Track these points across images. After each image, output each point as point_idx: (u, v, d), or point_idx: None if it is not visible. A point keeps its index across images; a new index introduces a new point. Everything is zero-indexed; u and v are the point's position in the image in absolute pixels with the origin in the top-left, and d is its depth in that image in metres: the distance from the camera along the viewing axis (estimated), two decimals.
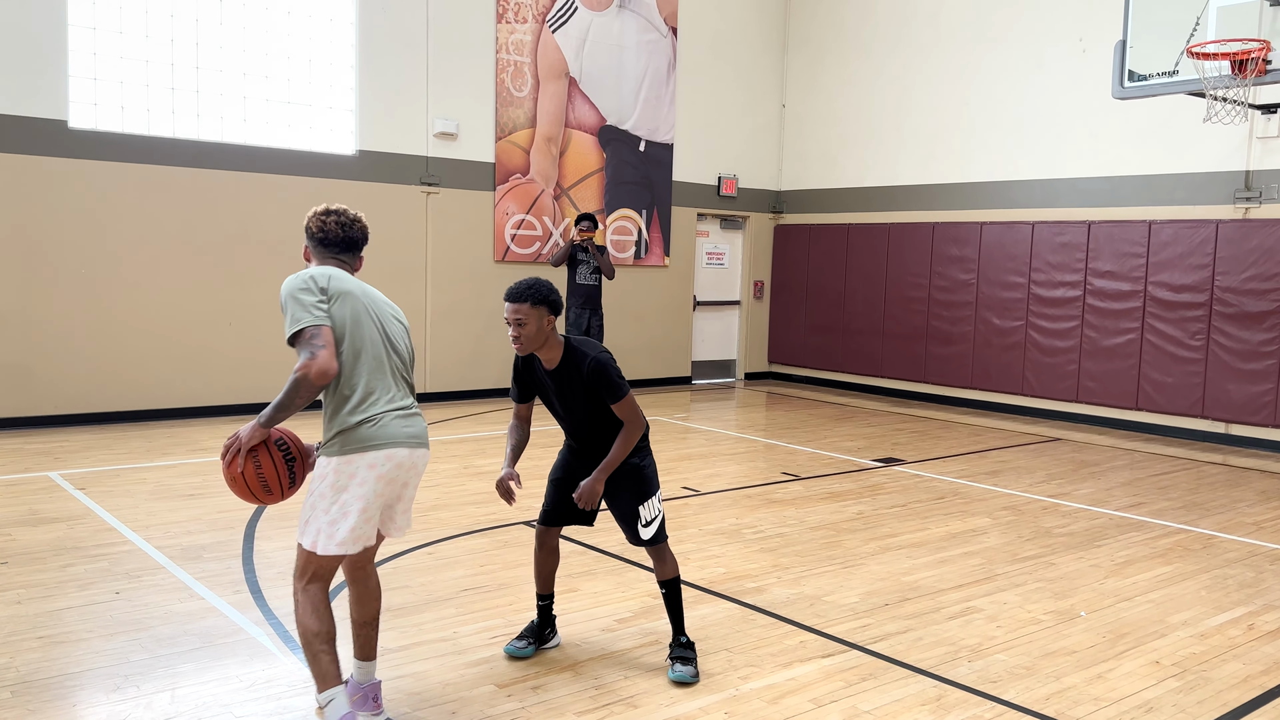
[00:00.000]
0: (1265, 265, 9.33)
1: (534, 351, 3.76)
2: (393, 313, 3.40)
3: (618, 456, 3.81)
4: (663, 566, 3.97)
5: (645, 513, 3.90)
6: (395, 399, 3.27)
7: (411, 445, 3.29)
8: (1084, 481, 7.88)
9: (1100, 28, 10.26)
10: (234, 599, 4.65)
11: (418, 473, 3.39)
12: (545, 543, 4.07)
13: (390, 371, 3.28)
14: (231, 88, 9.63)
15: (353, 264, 3.45)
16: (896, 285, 12.44)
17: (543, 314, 3.67)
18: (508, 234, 11.44)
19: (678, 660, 3.91)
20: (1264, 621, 4.75)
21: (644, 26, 12.34)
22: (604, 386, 3.76)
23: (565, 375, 3.79)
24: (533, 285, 3.67)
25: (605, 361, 3.77)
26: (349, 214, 3.43)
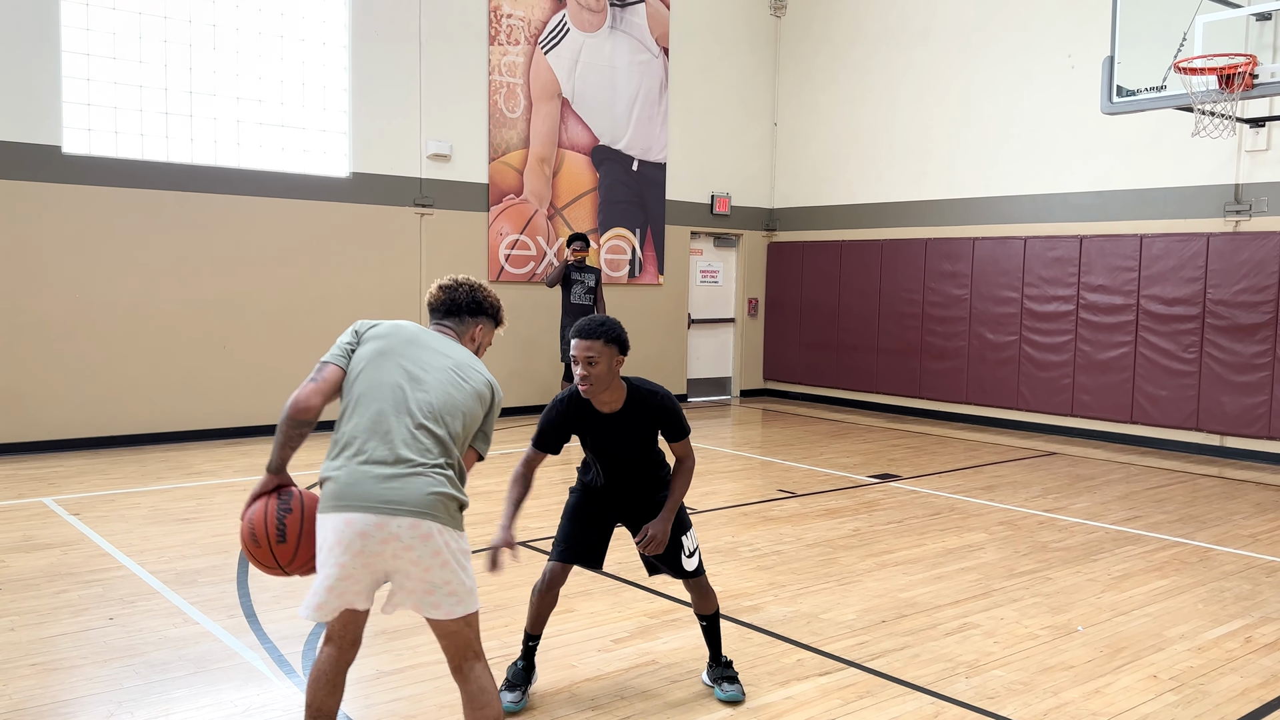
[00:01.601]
0: (1256, 278, 9.37)
1: (597, 394, 3.58)
2: (451, 373, 3.00)
3: (682, 495, 3.73)
4: (705, 601, 3.90)
5: (688, 543, 3.83)
6: (379, 454, 2.83)
7: (383, 511, 2.77)
8: (1080, 495, 7.88)
9: (1088, 44, 10.34)
10: (229, 624, 4.63)
11: (410, 547, 2.79)
12: (554, 584, 3.83)
13: (393, 426, 2.86)
14: (225, 112, 9.67)
15: (458, 329, 3.19)
16: (890, 301, 12.48)
17: (613, 353, 3.52)
18: (502, 254, 11.47)
19: (724, 680, 3.86)
20: (1261, 634, 4.74)
21: (636, 47, 12.42)
22: (673, 424, 3.69)
23: (628, 417, 3.65)
24: (605, 323, 3.54)
25: (672, 399, 3.72)
26: (457, 280, 3.25)
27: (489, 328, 3.28)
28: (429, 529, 2.80)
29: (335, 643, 3.00)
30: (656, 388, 3.72)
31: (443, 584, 2.84)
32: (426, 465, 2.84)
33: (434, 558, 2.81)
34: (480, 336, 3.25)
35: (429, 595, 2.84)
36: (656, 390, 3.70)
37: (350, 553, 2.79)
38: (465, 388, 3.00)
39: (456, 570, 2.86)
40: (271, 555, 2.93)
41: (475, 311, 3.22)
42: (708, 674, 3.97)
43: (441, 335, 3.13)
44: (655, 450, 3.81)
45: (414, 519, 2.79)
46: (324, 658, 3.01)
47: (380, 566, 2.83)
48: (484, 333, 3.26)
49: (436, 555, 2.81)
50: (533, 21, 11.53)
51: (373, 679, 4.01)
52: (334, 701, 3.02)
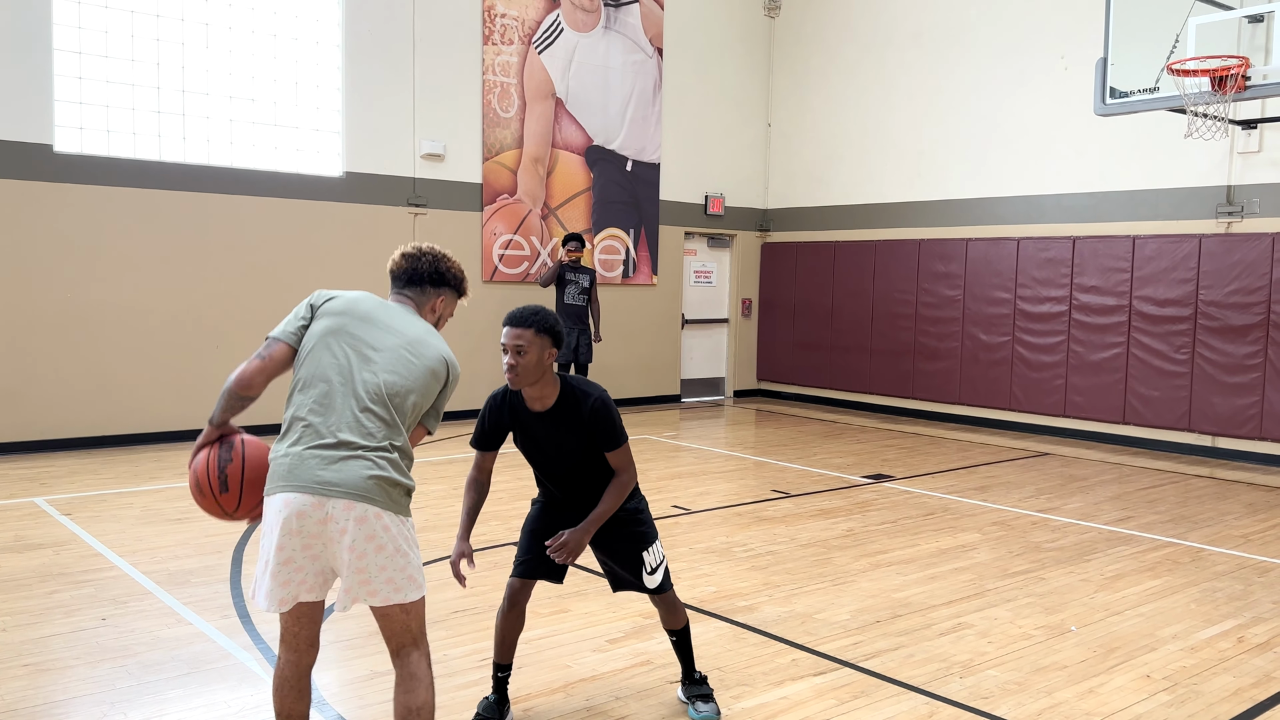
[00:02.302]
0: (1248, 279, 9.41)
1: (526, 387, 3.39)
2: (403, 351, 2.92)
3: (608, 509, 3.48)
4: (673, 616, 3.72)
5: (650, 558, 3.62)
6: (321, 435, 2.79)
7: (320, 493, 2.73)
8: (1072, 496, 7.90)
9: (1082, 45, 10.37)
10: (222, 624, 4.62)
11: (345, 530, 2.73)
12: (517, 602, 3.61)
13: (338, 409, 2.81)
14: (218, 111, 9.64)
15: (418, 299, 3.12)
16: (883, 302, 12.49)
17: (545, 344, 3.34)
18: (495, 254, 11.45)
19: (698, 699, 3.72)
20: (1253, 634, 4.76)
21: (629, 47, 12.41)
22: (604, 431, 3.44)
23: (560, 417, 3.43)
24: (537, 312, 3.37)
25: (609, 404, 3.47)
26: (420, 248, 3.17)
27: (451, 299, 3.20)
28: (364, 511, 2.74)
29: (289, 645, 2.95)
30: (592, 389, 3.48)
31: (378, 570, 2.77)
32: (368, 449, 2.78)
33: (368, 541, 2.75)
34: (441, 308, 3.17)
35: (365, 584, 2.78)
36: (591, 392, 3.46)
37: (288, 532, 2.75)
38: (416, 366, 2.92)
39: (394, 556, 2.79)
40: (216, 504, 2.92)
41: (437, 282, 3.14)
42: (682, 690, 3.82)
43: (399, 307, 3.06)
44: (601, 460, 3.53)
45: (349, 500, 2.74)
46: (283, 663, 2.96)
47: (322, 552, 2.78)
48: (445, 304, 3.18)
49: (371, 539, 2.75)
50: (526, 21, 11.52)
51: (366, 679, 4.00)
52: (303, 706, 2.98)
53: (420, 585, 2.89)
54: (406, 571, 2.83)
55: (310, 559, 2.80)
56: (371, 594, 2.80)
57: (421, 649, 2.93)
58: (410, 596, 2.85)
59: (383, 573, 2.79)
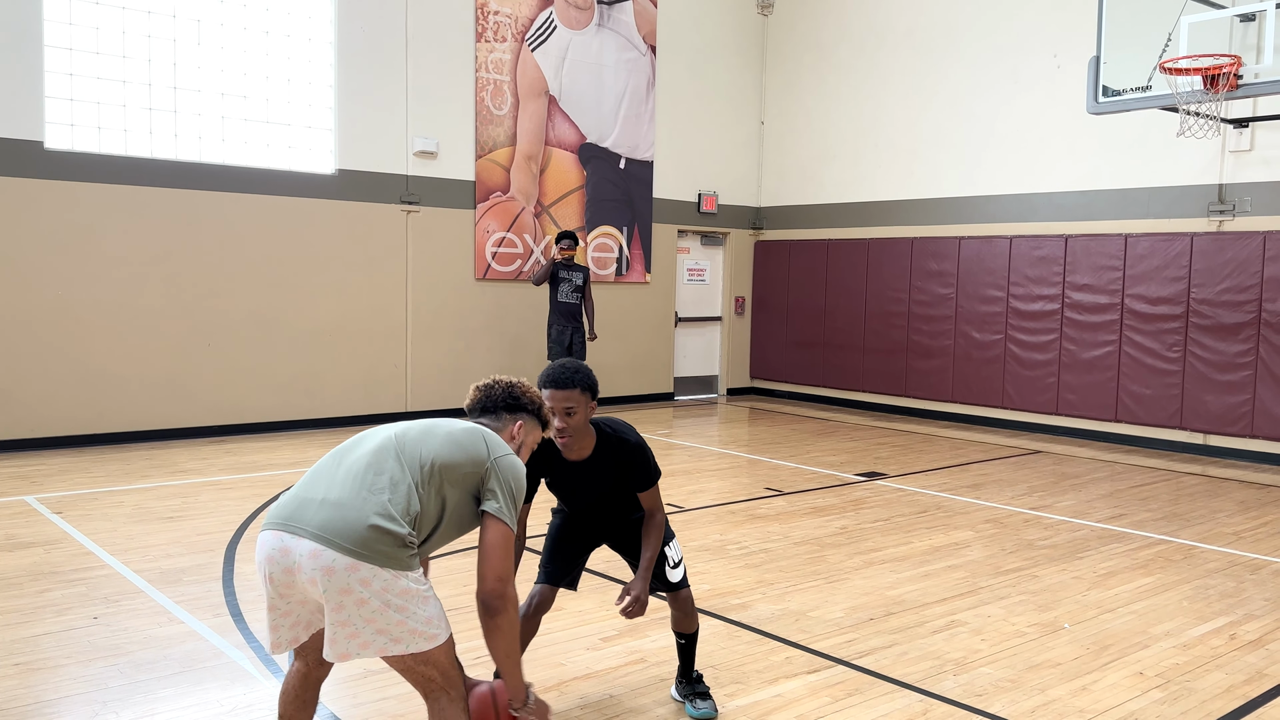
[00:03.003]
0: (1239, 277, 9.44)
1: (574, 445, 3.42)
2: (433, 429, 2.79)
3: (654, 553, 3.55)
4: (688, 620, 3.76)
5: (671, 553, 3.68)
6: (310, 481, 2.67)
7: (283, 528, 2.57)
8: (1065, 494, 7.92)
9: (1074, 44, 10.39)
10: (214, 622, 4.60)
11: (314, 581, 2.51)
12: (541, 609, 3.62)
13: (339, 461, 2.71)
14: (209, 108, 9.60)
15: (494, 426, 3.01)
16: (876, 300, 12.51)
17: (588, 401, 3.37)
18: (488, 252, 11.43)
19: (697, 696, 3.73)
20: (1245, 631, 4.77)
21: (623, 45, 12.40)
22: (641, 473, 3.51)
23: (597, 466, 3.50)
24: (579, 370, 3.36)
25: (645, 448, 3.54)
26: (494, 379, 3.09)
27: (530, 425, 3.07)
28: (332, 562, 2.49)
29: (302, 658, 2.86)
30: (627, 435, 3.52)
31: (364, 623, 2.51)
32: (355, 495, 2.58)
33: (343, 595, 2.49)
34: (521, 435, 3.04)
35: (353, 636, 2.53)
36: (627, 439, 3.51)
37: (263, 578, 2.63)
38: (432, 432, 2.76)
39: (381, 611, 2.52)
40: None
41: (513, 408, 3.04)
42: (677, 690, 3.84)
43: (451, 424, 2.88)
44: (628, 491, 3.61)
45: (316, 545, 2.50)
46: (293, 672, 2.90)
47: (303, 595, 2.62)
48: (525, 430, 3.05)
49: (347, 593, 2.49)
50: (520, 19, 11.50)
51: (360, 678, 3.99)
52: (305, 716, 2.91)
53: (433, 636, 2.60)
54: (407, 625, 2.55)
55: (298, 603, 2.69)
56: (364, 646, 2.55)
57: (450, 694, 2.69)
58: (414, 648, 2.58)
59: (370, 624, 2.53)
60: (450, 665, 2.69)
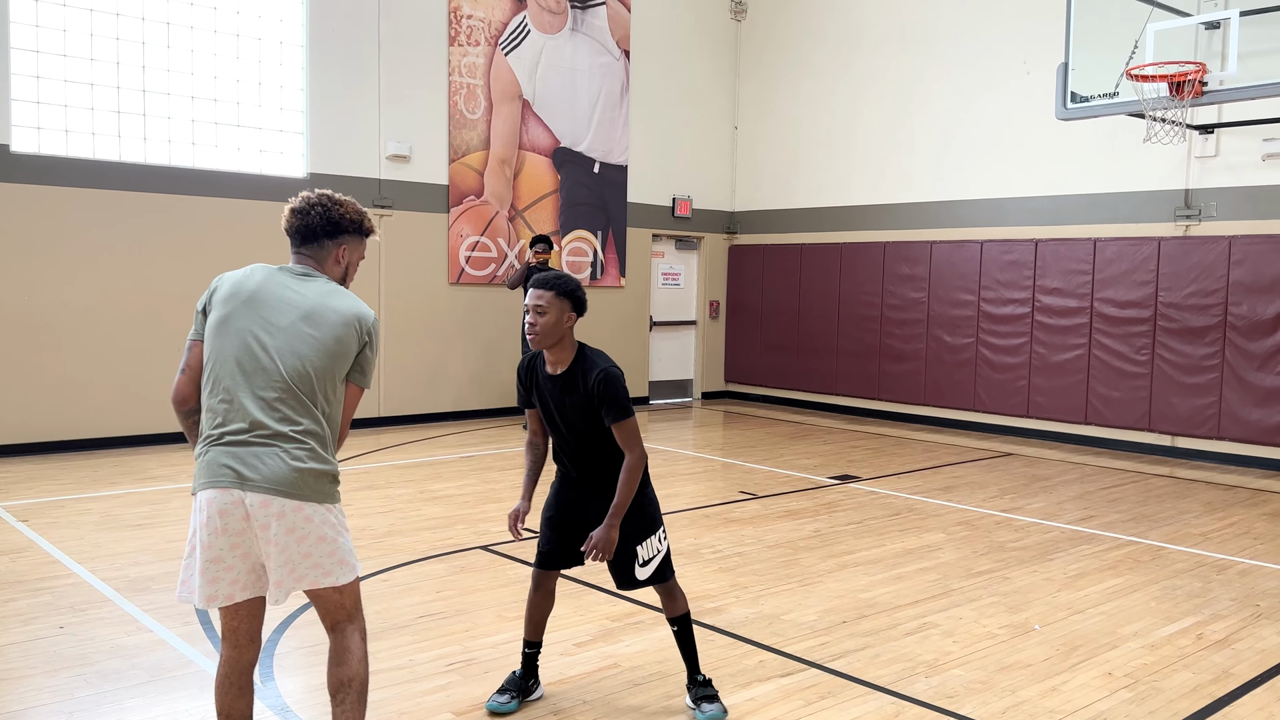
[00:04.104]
0: (1205, 281, 9.57)
1: (545, 348, 3.54)
2: (300, 325, 2.80)
3: (626, 497, 3.53)
4: (672, 603, 3.76)
5: (643, 552, 3.64)
6: (232, 421, 2.73)
7: (236, 485, 2.69)
8: (1036, 496, 7.99)
9: (1044, 51, 10.50)
10: (183, 631, 4.55)
11: (265, 525, 2.70)
12: (543, 584, 3.81)
13: (245, 400, 2.73)
14: (179, 111, 9.51)
15: (318, 255, 2.96)
16: (850, 304, 12.57)
17: (565, 307, 3.50)
18: (462, 256, 11.40)
19: (703, 700, 3.73)
20: (1212, 631, 4.84)
21: (596, 49, 12.41)
22: (608, 401, 3.50)
23: (569, 383, 3.55)
24: (560, 277, 3.56)
25: (615, 375, 3.54)
26: (309, 199, 2.97)
27: (355, 243, 3.03)
28: (282, 506, 2.72)
29: (229, 641, 2.91)
30: (607, 363, 3.56)
31: (302, 558, 2.76)
32: (281, 438, 2.73)
33: (288, 534, 2.73)
34: (346, 257, 3.01)
35: (292, 572, 2.77)
36: (599, 364, 3.54)
37: (213, 531, 2.74)
38: (318, 339, 2.80)
39: (318, 544, 2.77)
40: None
41: (334, 231, 2.96)
42: (688, 695, 3.82)
43: (291, 273, 2.90)
44: (610, 436, 3.59)
45: (265, 495, 2.70)
46: (223, 660, 2.92)
47: (250, 549, 2.77)
48: (350, 251, 3.02)
49: (291, 532, 2.73)
50: (493, 23, 11.48)
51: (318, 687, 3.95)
52: (244, 704, 2.94)
53: (352, 567, 2.88)
54: (336, 556, 2.82)
55: (240, 557, 2.78)
56: (299, 579, 2.78)
57: (356, 623, 2.94)
58: (341, 579, 2.85)
59: (307, 559, 2.77)
60: (358, 595, 2.95)
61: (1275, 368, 9.17)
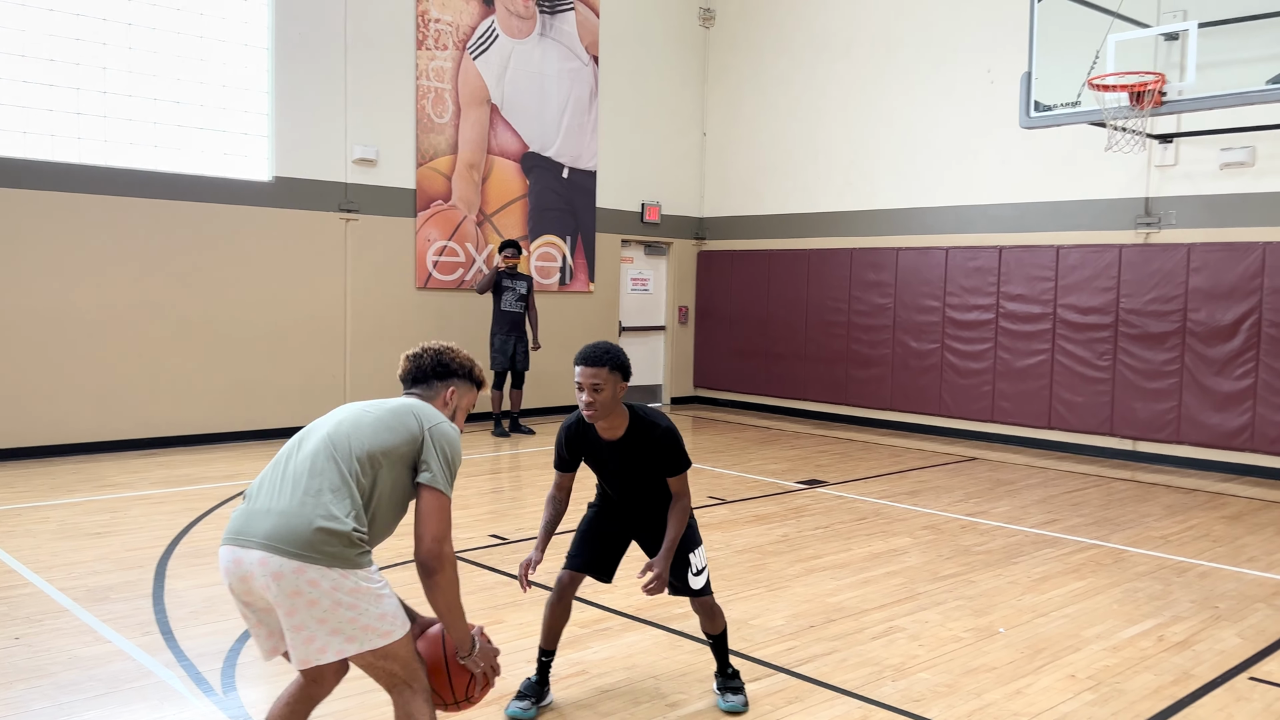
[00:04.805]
0: (1165, 288, 9.71)
1: (600, 420, 3.57)
2: (362, 412, 2.86)
3: (677, 534, 3.68)
4: (712, 622, 3.90)
5: (695, 561, 3.80)
6: (256, 493, 2.74)
7: (236, 543, 2.65)
8: (1000, 500, 8.06)
9: (1007, 60, 10.62)
10: (143, 641, 4.48)
11: (266, 587, 2.60)
12: (565, 594, 3.85)
13: (282, 470, 2.76)
14: (140, 113, 9.39)
15: (427, 395, 3.06)
16: (817, 310, 12.64)
17: (618, 380, 3.54)
18: (430, 261, 11.33)
19: (728, 690, 3.88)
20: (1173, 633, 4.90)
21: (565, 55, 12.40)
22: (672, 458, 3.66)
23: (630, 445, 3.65)
24: (610, 350, 3.54)
25: (675, 433, 3.68)
26: (422, 346, 3.12)
27: (464, 388, 3.10)
28: (280, 567, 2.57)
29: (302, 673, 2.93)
30: (660, 419, 3.70)
31: (317, 624, 2.59)
32: (298, 501, 2.64)
33: (292, 598, 2.58)
34: (454, 400, 3.07)
35: (309, 641, 2.61)
36: (659, 422, 3.67)
37: (230, 591, 2.74)
38: (368, 416, 2.81)
39: (333, 610, 2.60)
40: None
41: (443, 375, 3.07)
42: (715, 683, 3.98)
43: (384, 402, 2.96)
44: (662, 485, 3.76)
45: (263, 554, 2.58)
46: (293, 681, 2.99)
47: (264, 604, 2.70)
48: (458, 395, 3.08)
49: (297, 596, 2.57)
50: (461, 27, 11.44)
51: None
52: None
53: (387, 632, 2.68)
54: (359, 623, 2.63)
55: (263, 612, 2.74)
56: (321, 650, 2.63)
57: (414, 688, 2.78)
58: (369, 645, 2.66)
59: (323, 625, 2.60)
60: (411, 659, 2.78)
61: (1233, 373, 9.33)
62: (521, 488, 8.46)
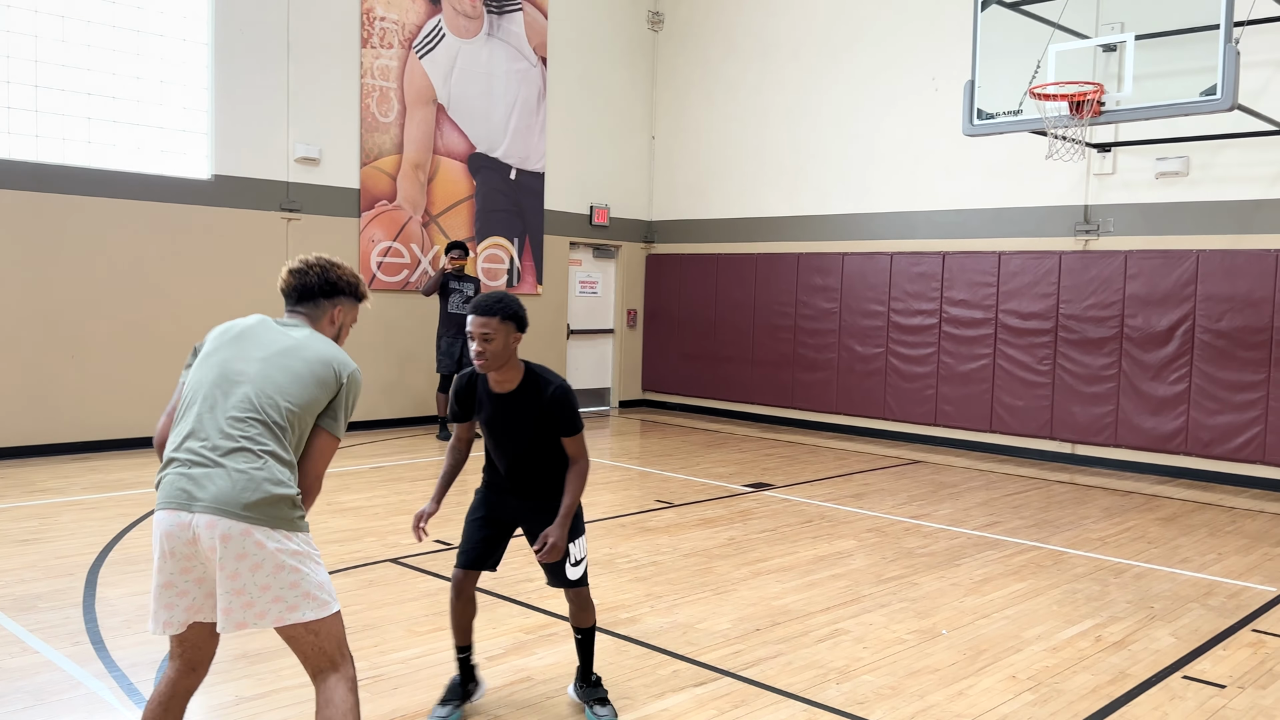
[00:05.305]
0: (1103, 294, 9.92)
1: (492, 371, 3.53)
2: (278, 358, 2.80)
3: (574, 498, 3.61)
4: (584, 614, 3.83)
5: (575, 551, 3.72)
6: (193, 440, 2.66)
7: (182, 506, 2.60)
8: (943, 502, 8.16)
9: (951, 68, 10.78)
10: (72, 651, 4.33)
11: (212, 549, 2.58)
12: (464, 590, 3.77)
13: (206, 423, 2.68)
14: (74, 108, 9.13)
15: (313, 314, 3.01)
16: (764, 314, 12.71)
17: (510, 330, 3.50)
18: (374, 261, 11.18)
19: (596, 702, 3.79)
20: (1109, 633, 4.99)
21: (513, 55, 12.32)
22: (564, 417, 3.58)
23: (520, 401, 3.58)
24: (502, 299, 3.51)
25: (569, 390, 3.63)
26: (307, 261, 3.06)
27: (349, 306, 3.09)
28: (229, 528, 2.56)
29: (174, 661, 2.82)
30: (555, 377, 3.64)
31: (259, 590, 2.59)
32: (235, 456, 2.62)
33: (239, 561, 2.57)
34: (341, 317, 3.07)
35: (248, 605, 2.59)
36: (552, 380, 3.61)
37: (164, 554, 2.66)
38: (292, 369, 2.77)
39: (276, 572, 2.60)
40: None
41: (330, 292, 3.03)
42: (577, 691, 3.89)
43: (280, 322, 2.96)
44: (554, 450, 3.66)
45: (211, 516, 2.57)
46: (163, 680, 2.83)
47: (204, 573, 2.67)
48: (344, 313, 3.08)
49: (243, 558, 2.57)
50: (407, 25, 11.31)
51: (232, 705, 3.81)
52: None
53: (325, 602, 2.69)
54: (301, 588, 2.63)
55: (194, 582, 2.69)
56: (260, 615, 2.62)
57: (342, 671, 2.74)
58: (310, 615, 2.65)
59: (266, 592, 2.60)
60: (342, 638, 2.76)
61: (1168, 378, 9.55)
62: (466, 492, 8.35)
